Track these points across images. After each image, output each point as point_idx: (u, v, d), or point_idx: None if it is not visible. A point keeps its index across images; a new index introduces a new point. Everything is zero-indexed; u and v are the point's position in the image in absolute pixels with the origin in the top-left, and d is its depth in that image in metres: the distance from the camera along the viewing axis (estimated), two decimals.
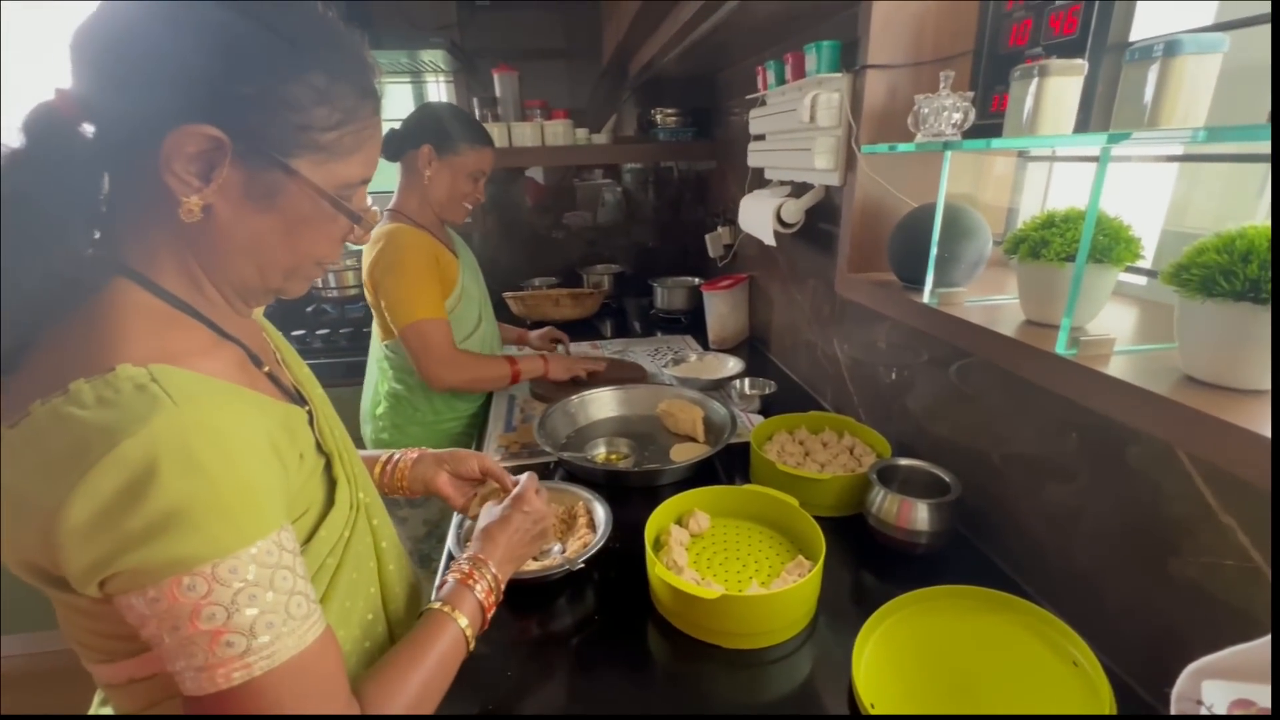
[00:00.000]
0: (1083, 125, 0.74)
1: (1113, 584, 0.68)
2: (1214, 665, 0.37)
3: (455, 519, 0.93)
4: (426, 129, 1.26)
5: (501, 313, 2.03)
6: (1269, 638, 0.35)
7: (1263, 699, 0.34)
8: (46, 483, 0.39)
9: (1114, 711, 0.58)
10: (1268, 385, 0.55)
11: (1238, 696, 0.35)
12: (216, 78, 0.44)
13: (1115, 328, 0.69)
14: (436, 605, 0.60)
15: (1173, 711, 0.39)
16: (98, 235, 0.49)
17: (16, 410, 0.41)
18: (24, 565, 0.44)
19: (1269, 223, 0.53)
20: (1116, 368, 0.62)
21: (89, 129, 0.45)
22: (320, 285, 2.26)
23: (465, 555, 0.67)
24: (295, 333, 2.05)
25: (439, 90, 2.28)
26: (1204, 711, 0.36)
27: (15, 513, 0.41)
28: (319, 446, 0.56)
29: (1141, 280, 0.88)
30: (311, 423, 0.57)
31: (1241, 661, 0.36)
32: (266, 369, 0.56)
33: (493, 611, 0.64)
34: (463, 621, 0.59)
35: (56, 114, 0.44)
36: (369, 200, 0.55)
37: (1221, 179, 0.81)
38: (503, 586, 0.66)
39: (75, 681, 0.58)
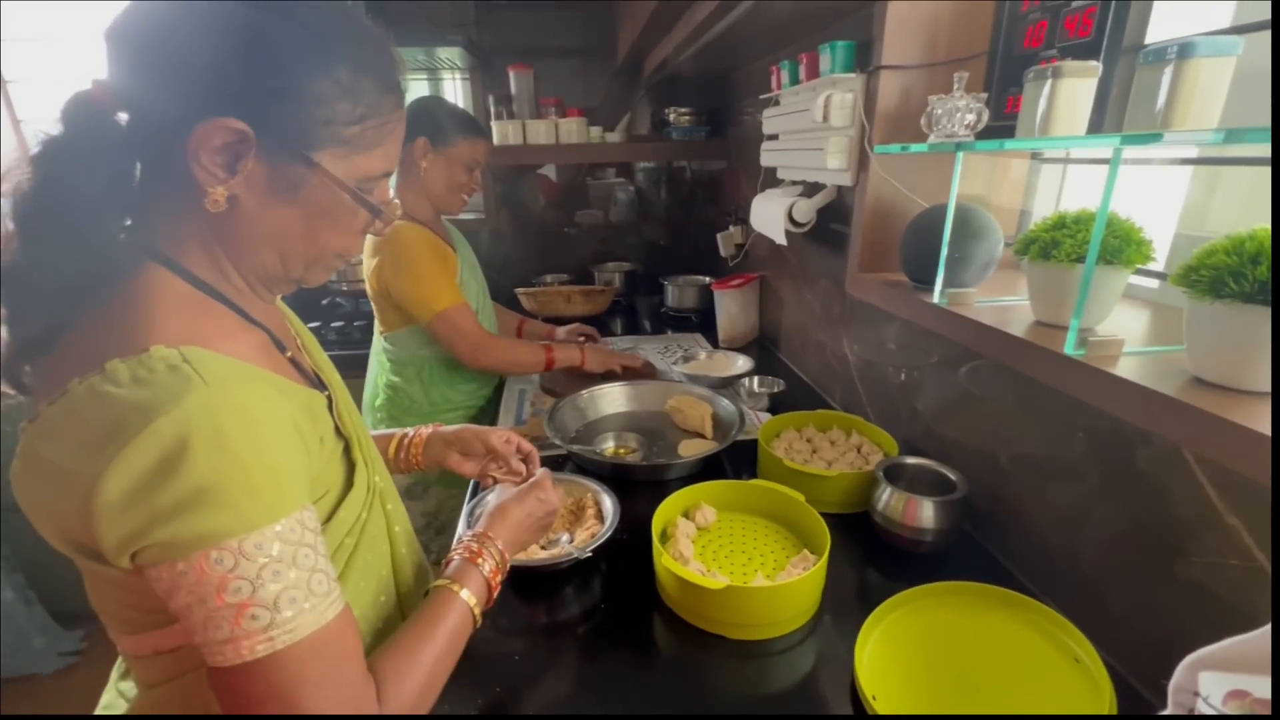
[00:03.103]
0: (1096, 127, 0.74)
1: (1117, 583, 0.68)
2: (1210, 657, 0.38)
3: (466, 507, 0.95)
4: (420, 123, 1.28)
5: (516, 309, 2.05)
6: (1263, 630, 0.36)
7: (1258, 689, 0.35)
8: (84, 457, 0.41)
9: (1115, 709, 0.58)
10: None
11: (1234, 687, 0.36)
12: (244, 72, 0.45)
13: (1125, 329, 0.70)
14: (444, 583, 0.61)
15: (1170, 702, 0.39)
16: (129, 222, 0.51)
17: (55, 388, 0.43)
18: (61, 537, 0.46)
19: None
20: (1125, 369, 0.62)
21: (123, 118, 0.47)
22: (335, 279, 2.28)
23: (471, 533, 0.68)
24: (311, 324, 2.06)
25: (455, 87, 2.30)
26: (1200, 701, 0.36)
27: (54, 486, 0.43)
28: (338, 430, 0.58)
29: (1153, 283, 0.88)
30: (330, 408, 0.58)
31: (1237, 653, 0.36)
32: (289, 354, 0.57)
33: (498, 589, 0.65)
34: (470, 599, 0.60)
35: (92, 103, 0.46)
36: (391, 193, 0.57)
37: (1235, 183, 0.81)
38: (508, 565, 0.67)
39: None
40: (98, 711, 0.59)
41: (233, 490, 0.42)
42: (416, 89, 2.30)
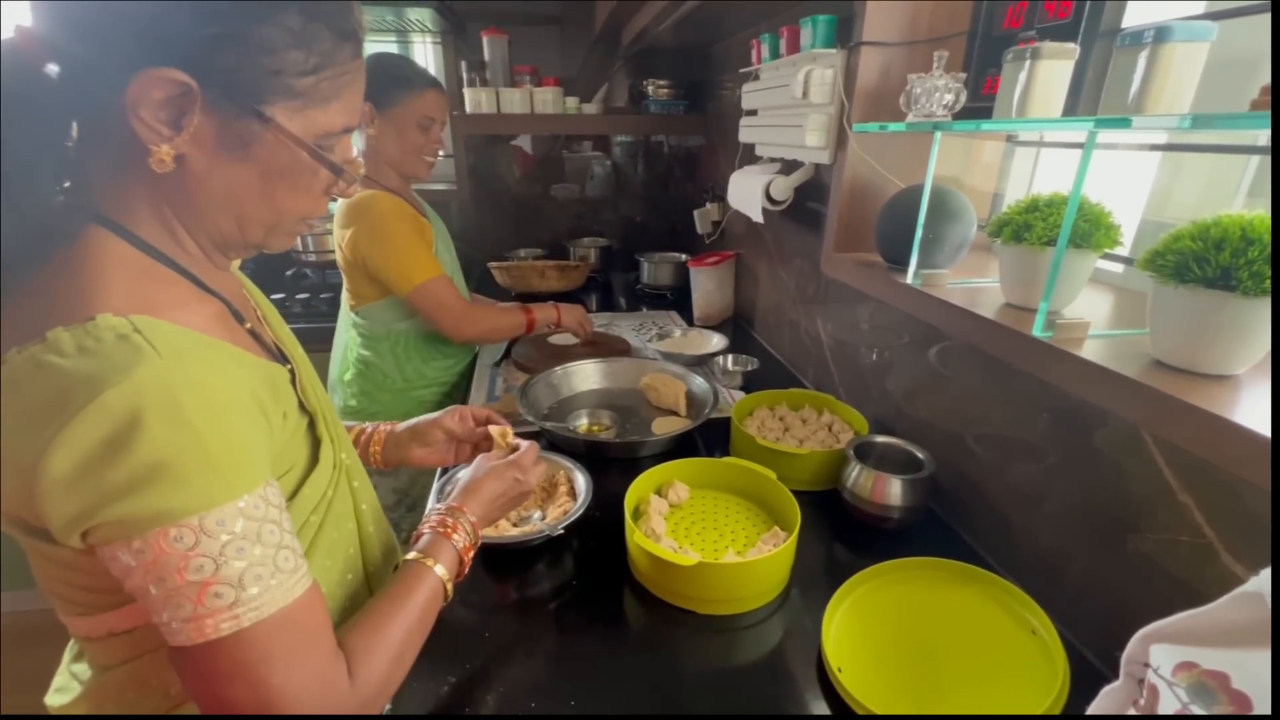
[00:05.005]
0: (1070, 110, 0.75)
1: (1073, 559, 0.71)
2: (1161, 630, 0.39)
3: (436, 484, 0.94)
4: None
5: (487, 283, 2.02)
6: (1212, 605, 0.37)
7: (1206, 661, 0.36)
8: (27, 432, 0.39)
9: (1068, 679, 0.61)
10: (1233, 370, 0.57)
11: (1182, 659, 0.37)
12: (183, 17, 0.42)
13: (1091, 313, 0.71)
14: (416, 557, 0.59)
15: (1121, 673, 0.41)
16: (68, 184, 0.47)
17: None
18: (4, 516, 0.44)
19: (1244, 212, 0.55)
20: (1090, 351, 0.64)
21: (53, 70, 0.44)
22: (301, 249, 2.21)
23: (443, 506, 0.66)
24: (274, 296, 2.01)
25: (425, 51, 2.22)
26: (1150, 672, 0.38)
27: None
28: (302, 405, 0.56)
29: (1118, 268, 0.90)
30: (294, 382, 0.56)
31: (1187, 627, 0.38)
32: (248, 326, 0.55)
33: (470, 563, 0.64)
34: (441, 572, 0.59)
35: (17, 52, 0.43)
36: (354, 151, 0.54)
37: (1201, 170, 0.82)
38: (480, 539, 0.67)
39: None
40: (50, 694, 0.57)
41: (191, 466, 0.40)
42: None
